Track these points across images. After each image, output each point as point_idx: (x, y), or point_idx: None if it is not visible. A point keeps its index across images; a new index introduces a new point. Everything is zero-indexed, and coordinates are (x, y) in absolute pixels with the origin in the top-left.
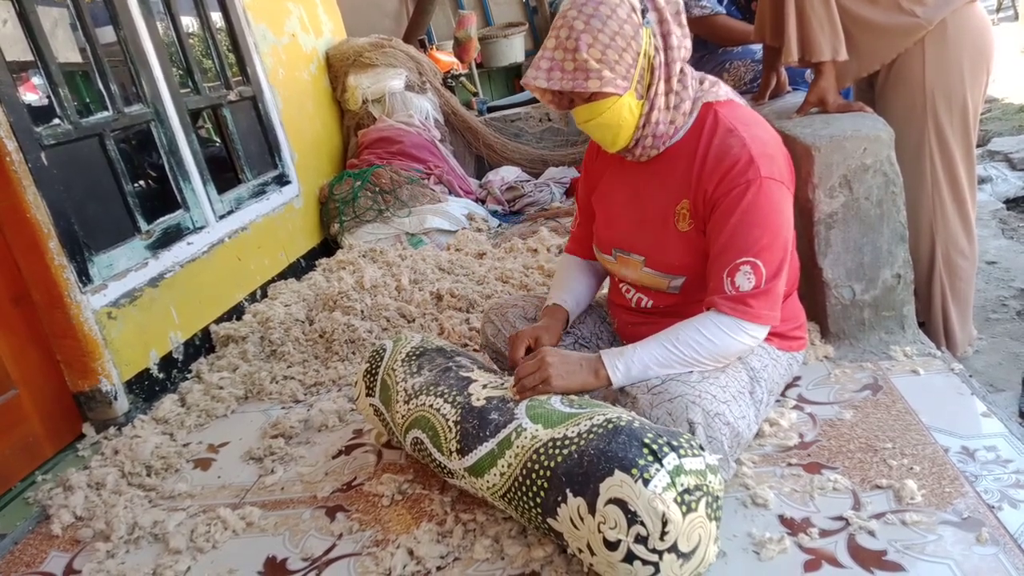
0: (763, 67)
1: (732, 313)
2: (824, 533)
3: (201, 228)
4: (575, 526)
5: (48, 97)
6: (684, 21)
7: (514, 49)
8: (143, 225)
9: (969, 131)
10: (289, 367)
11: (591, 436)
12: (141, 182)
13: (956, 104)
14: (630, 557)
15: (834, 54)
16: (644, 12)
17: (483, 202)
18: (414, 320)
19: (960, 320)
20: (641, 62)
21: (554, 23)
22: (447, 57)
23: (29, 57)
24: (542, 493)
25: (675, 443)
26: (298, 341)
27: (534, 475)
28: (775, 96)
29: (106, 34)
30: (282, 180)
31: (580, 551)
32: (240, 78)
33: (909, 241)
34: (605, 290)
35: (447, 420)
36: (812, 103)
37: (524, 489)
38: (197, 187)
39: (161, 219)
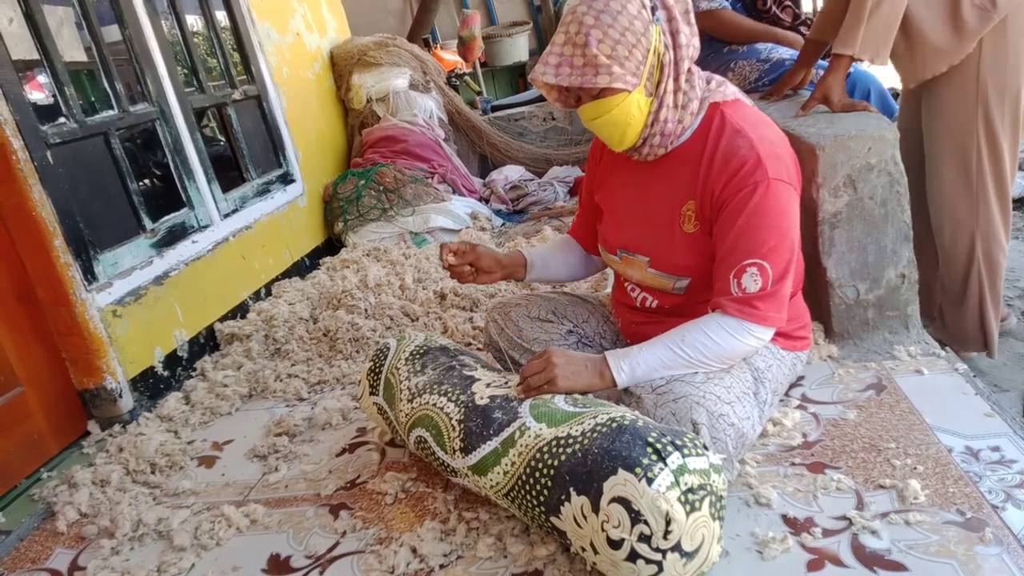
0: (797, 60)
1: (738, 315)
2: (827, 533)
3: (206, 227)
4: (578, 525)
5: (54, 96)
6: (693, 20)
7: (518, 48)
8: (148, 223)
9: (1019, 123)
10: (293, 365)
11: (595, 435)
12: (146, 181)
13: (1009, 95)
14: (633, 556)
15: (872, 57)
16: (654, 9)
17: (487, 201)
18: (418, 319)
19: (996, 323)
20: (651, 59)
21: (563, 19)
22: (451, 56)
23: (35, 56)
24: (545, 492)
25: (679, 442)
26: (302, 339)
27: (537, 474)
28: (794, 90)
29: (111, 33)
30: (286, 179)
31: (583, 550)
32: (245, 77)
33: (944, 237)
34: (609, 289)
35: (451, 419)
36: (817, 99)
37: (527, 488)
38: (202, 186)
39: (166, 217)
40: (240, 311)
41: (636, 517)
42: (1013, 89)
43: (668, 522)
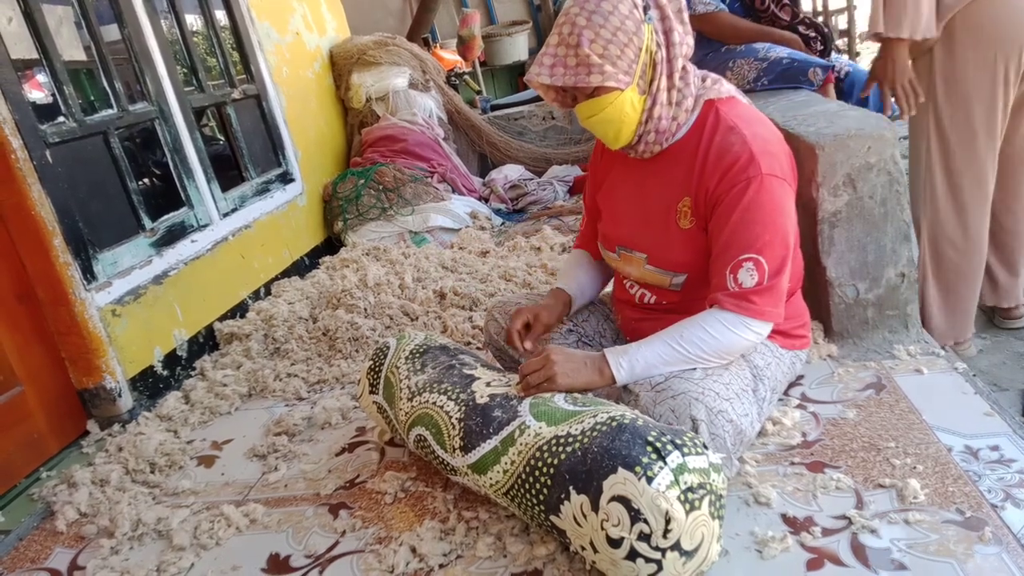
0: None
1: (735, 310)
2: (827, 532)
3: (205, 226)
4: (578, 523)
5: (53, 95)
6: (686, 19)
7: (518, 47)
8: (147, 223)
9: (972, 122)
10: (293, 365)
11: (594, 434)
12: (145, 180)
13: (958, 94)
14: (633, 555)
15: (912, 31)
16: (646, 9)
17: (486, 200)
18: (417, 318)
19: (942, 310)
20: (643, 58)
21: (557, 20)
22: (451, 55)
23: (34, 55)
24: (545, 491)
25: (679, 441)
26: (302, 339)
27: (537, 472)
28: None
29: (111, 32)
30: (286, 178)
31: (583, 549)
32: (244, 76)
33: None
34: (609, 288)
35: (450, 417)
36: (873, 78)
37: (527, 486)
38: (201, 185)
39: (165, 217)
40: (239, 310)
41: (636, 516)
42: (962, 88)
43: (668, 521)
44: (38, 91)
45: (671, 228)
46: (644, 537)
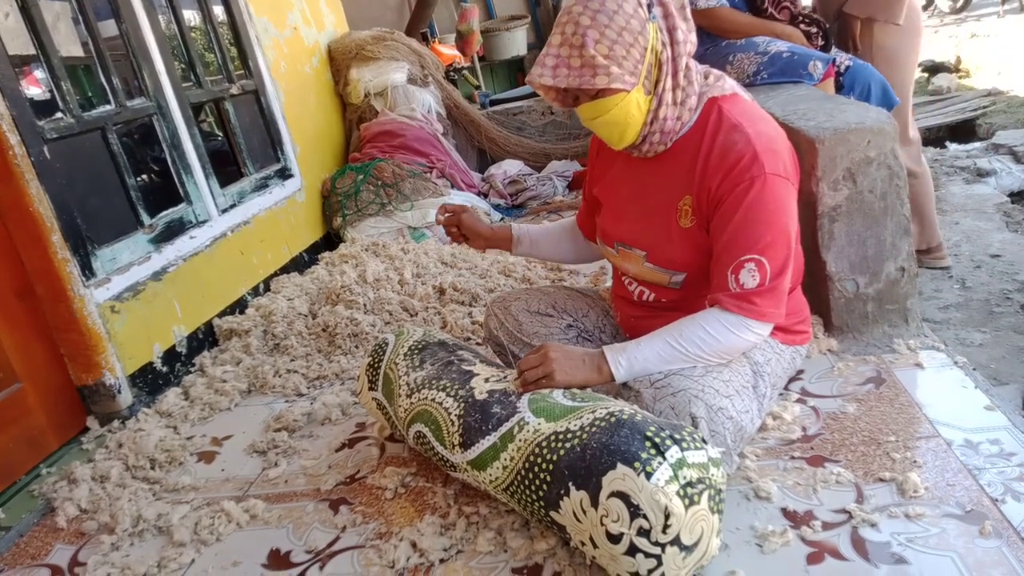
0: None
1: (736, 311)
2: (827, 526)
3: (204, 222)
4: (577, 519)
5: (50, 91)
6: (689, 15)
7: (516, 42)
8: (146, 219)
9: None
10: (292, 361)
11: (593, 429)
12: (143, 176)
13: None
14: (632, 550)
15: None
16: (650, 7)
17: (486, 196)
18: (417, 314)
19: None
20: (648, 57)
21: (558, 19)
22: (449, 50)
23: (31, 51)
24: (544, 486)
25: (677, 436)
26: (301, 335)
27: (536, 468)
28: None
29: (108, 28)
30: (284, 174)
31: (583, 544)
32: (242, 71)
33: None
34: (609, 284)
35: (449, 414)
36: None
37: (527, 482)
38: (199, 181)
39: (164, 213)
40: (239, 307)
41: (635, 511)
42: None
43: (667, 516)
44: (35, 87)
45: (671, 227)
46: (644, 532)
